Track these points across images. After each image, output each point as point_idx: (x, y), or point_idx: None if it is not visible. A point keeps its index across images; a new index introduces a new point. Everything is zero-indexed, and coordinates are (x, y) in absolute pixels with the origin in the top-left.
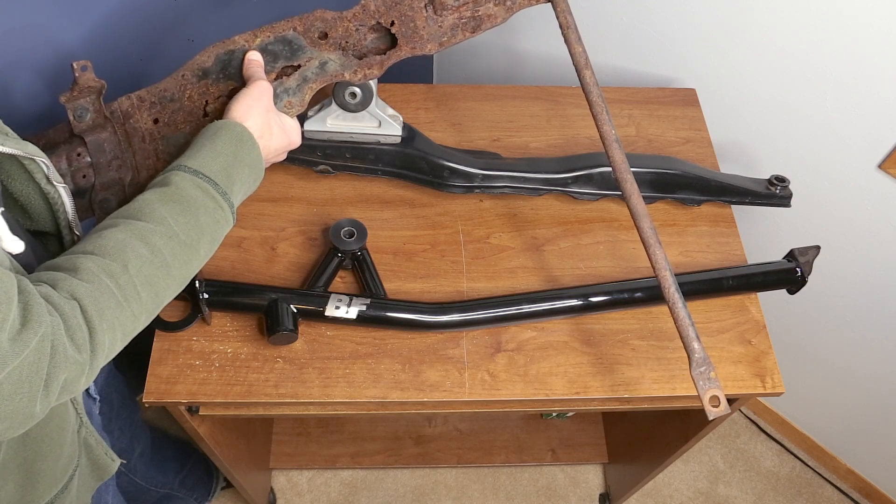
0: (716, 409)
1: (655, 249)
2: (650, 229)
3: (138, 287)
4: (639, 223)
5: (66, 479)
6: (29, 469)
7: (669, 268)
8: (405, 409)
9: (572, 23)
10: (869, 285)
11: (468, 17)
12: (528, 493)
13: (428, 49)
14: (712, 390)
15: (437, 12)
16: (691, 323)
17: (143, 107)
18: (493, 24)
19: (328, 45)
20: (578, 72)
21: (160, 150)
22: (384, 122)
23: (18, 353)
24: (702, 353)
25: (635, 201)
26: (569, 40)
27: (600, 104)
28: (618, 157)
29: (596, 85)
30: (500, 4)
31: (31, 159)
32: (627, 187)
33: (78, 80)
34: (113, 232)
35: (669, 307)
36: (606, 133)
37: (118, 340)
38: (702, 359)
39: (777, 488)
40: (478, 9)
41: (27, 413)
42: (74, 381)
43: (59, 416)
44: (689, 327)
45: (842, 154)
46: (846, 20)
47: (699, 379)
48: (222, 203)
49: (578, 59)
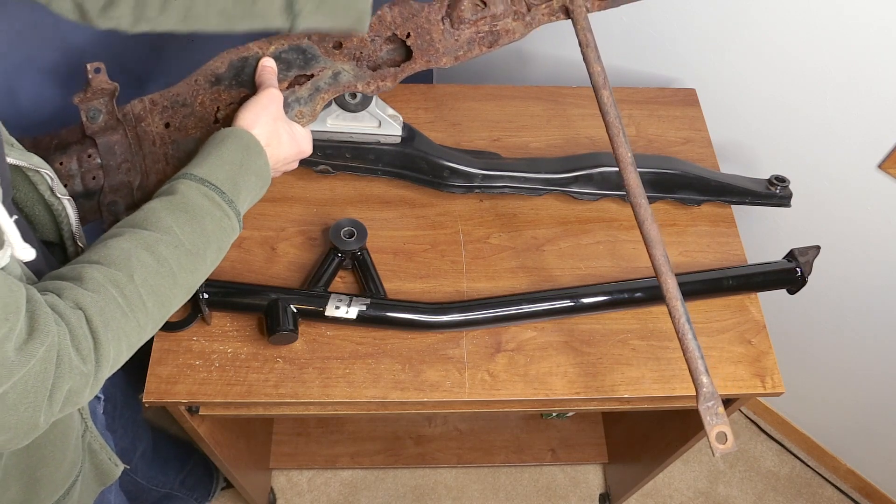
0: (722, 446)
1: (667, 279)
2: (663, 256)
3: (144, 297)
4: (651, 250)
5: (69, 485)
6: (32, 475)
7: (681, 299)
8: (405, 409)
9: (592, 41)
10: (869, 285)
11: (486, 32)
12: (528, 493)
13: (443, 63)
14: (720, 426)
15: (454, 26)
16: (701, 356)
17: (154, 110)
18: (510, 40)
19: (342, 56)
20: (596, 91)
21: (170, 155)
22: (384, 122)
23: (24, 363)
24: (710, 387)
25: (649, 227)
26: (588, 59)
27: (617, 125)
28: (633, 182)
29: (614, 105)
30: (520, 20)
31: (35, 171)
32: (641, 213)
33: (91, 81)
34: (118, 241)
35: (679, 338)
36: (622, 156)
37: (123, 351)
38: (710, 393)
39: (777, 488)
40: (496, 24)
41: (31, 424)
42: (79, 392)
43: (64, 422)
44: (699, 360)
45: (842, 154)
46: (846, 20)
47: (706, 414)
48: (228, 211)
49: (597, 79)
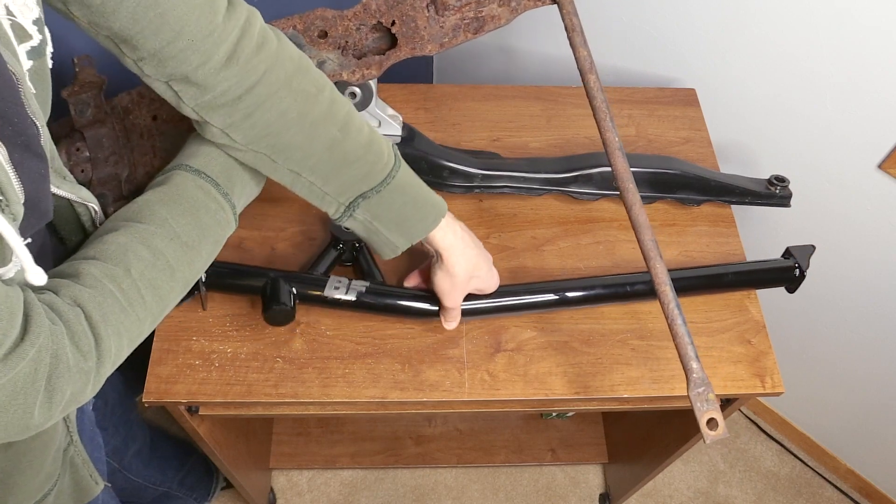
0: (713, 432)
1: (656, 263)
2: (651, 241)
3: (142, 290)
4: (640, 235)
5: (41, 496)
6: (5, 480)
7: (670, 283)
8: (405, 408)
9: (578, 25)
10: (869, 285)
11: (471, 18)
12: (528, 493)
13: (428, 50)
14: (710, 412)
15: (438, 13)
16: (690, 342)
17: (142, 103)
18: (496, 26)
19: (327, 45)
20: (583, 76)
21: (157, 147)
22: (384, 122)
23: (13, 367)
24: (700, 373)
25: (637, 212)
26: (574, 43)
27: (604, 110)
28: (620, 166)
29: (601, 90)
30: (505, 5)
31: (82, 204)
32: (629, 197)
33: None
34: (114, 236)
35: (669, 324)
36: (609, 140)
37: (124, 346)
38: (700, 379)
39: (777, 488)
40: (481, 10)
41: (23, 424)
42: (80, 390)
43: (46, 432)
44: (689, 346)
45: (842, 154)
46: (846, 20)
47: (697, 400)
48: (224, 204)
49: (583, 63)
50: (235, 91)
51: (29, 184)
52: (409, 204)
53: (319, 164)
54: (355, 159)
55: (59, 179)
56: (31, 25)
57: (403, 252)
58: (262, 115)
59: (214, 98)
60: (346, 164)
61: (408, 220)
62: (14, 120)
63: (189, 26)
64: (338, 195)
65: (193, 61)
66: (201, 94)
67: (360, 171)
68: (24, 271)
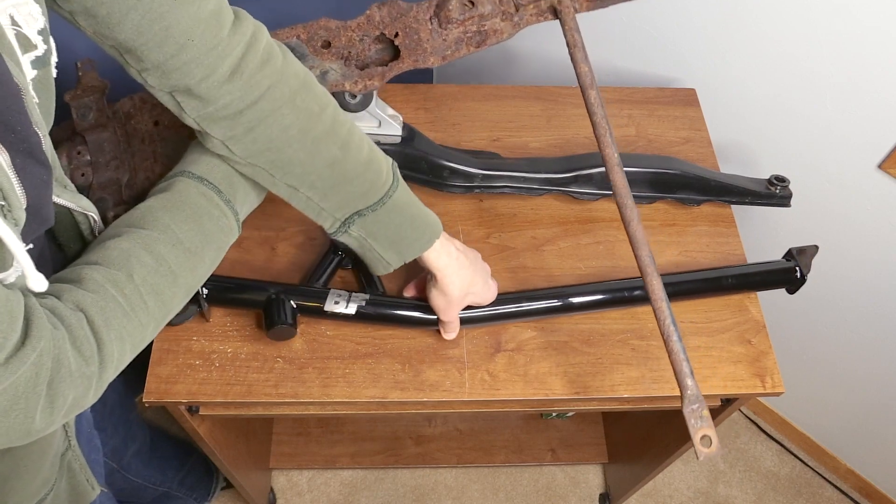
0: (707, 450)
1: (652, 279)
2: (648, 257)
3: (144, 296)
4: (637, 251)
5: (36, 501)
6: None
7: (667, 300)
8: (405, 408)
9: (580, 41)
10: (869, 285)
11: (473, 32)
12: (528, 493)
13: (431, 62)
14: (704, 429)
15: (441, 26)
16: (685, 358)
17: (144, 108)
18: (498, 40)
19: (330, 55)
20: (583, 91)
21: (158, 153)
22: (384, 122)
23: (14, 371)
24: (695, 389)
25: (634, 228)
26: (575, 59)
27: (604, 126)
28: (619, 182)
29: (601, 106)
30: (508, 20)
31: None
32: (627, 213)
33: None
34: (117, 241)
35: (664, 340)
36: (609, 156)
37: (127, 351)
38: (694, 396)
39: (777, 488)
40: (484, 23)
41: (24, 429)
42: (83, 394)
43: (45, 437)
44: (684, 362)
45: (842, 154)
46: (846, 20)
47: (691, 417)
48: (227, 211)
49: (584, 79)
50: (238, 105)
51: (31, 189)
52: (405, 223)
53: (318, 180)
54: (354, 177)
55: (59, 188)
56: (37, 36)
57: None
58: (264, 130)
59: (216, 111)
60: (344, 182)
61: (402, 239)
62: (17, 128)
63: (194, 40)
64: (334, 211)
65: (197, 74)
66: (203, 107)
67: (357, 189)
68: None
